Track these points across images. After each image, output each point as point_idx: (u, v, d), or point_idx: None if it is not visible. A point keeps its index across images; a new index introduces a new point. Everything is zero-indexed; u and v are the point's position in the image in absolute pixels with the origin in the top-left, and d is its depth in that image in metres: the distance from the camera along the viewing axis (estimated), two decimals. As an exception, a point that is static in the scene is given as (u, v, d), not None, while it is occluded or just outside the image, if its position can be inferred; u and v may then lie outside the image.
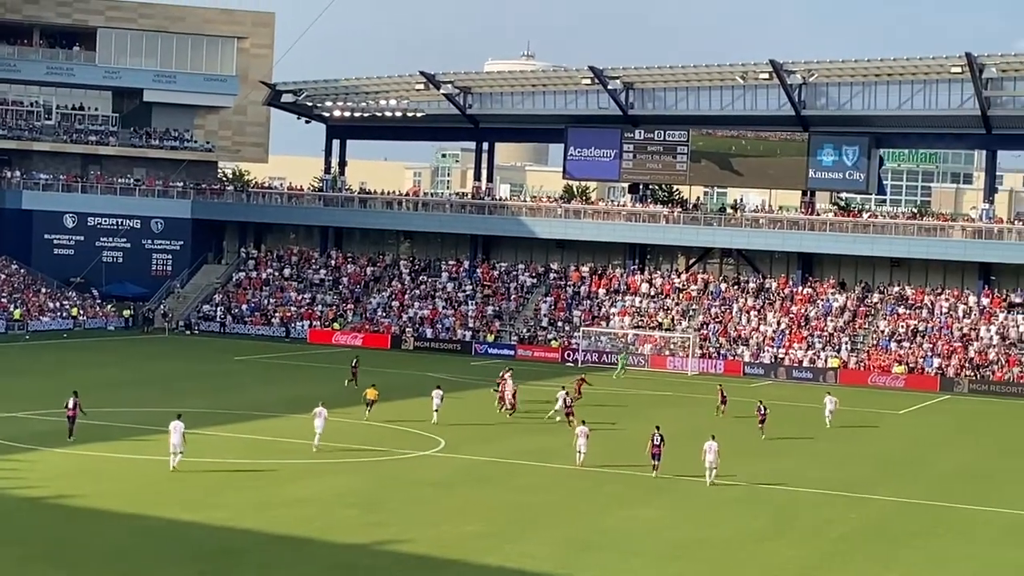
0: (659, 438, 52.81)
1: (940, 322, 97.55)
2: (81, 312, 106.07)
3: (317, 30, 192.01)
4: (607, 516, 45.47)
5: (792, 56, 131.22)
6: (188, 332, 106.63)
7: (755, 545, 42.42)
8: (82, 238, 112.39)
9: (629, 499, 48.39)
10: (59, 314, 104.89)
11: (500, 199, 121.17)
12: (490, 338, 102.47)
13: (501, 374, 71.93)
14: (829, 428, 69.94)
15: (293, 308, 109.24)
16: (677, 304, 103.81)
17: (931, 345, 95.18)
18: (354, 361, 79.05)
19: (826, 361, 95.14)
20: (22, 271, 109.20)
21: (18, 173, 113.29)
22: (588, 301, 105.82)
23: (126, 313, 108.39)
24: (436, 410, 64.43)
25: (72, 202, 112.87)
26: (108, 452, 52.67)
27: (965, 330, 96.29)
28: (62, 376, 74.80)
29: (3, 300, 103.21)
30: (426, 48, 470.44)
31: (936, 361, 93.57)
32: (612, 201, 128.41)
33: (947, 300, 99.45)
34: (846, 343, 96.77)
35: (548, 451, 57.52)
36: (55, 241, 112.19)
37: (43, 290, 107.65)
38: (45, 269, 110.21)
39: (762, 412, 65.88)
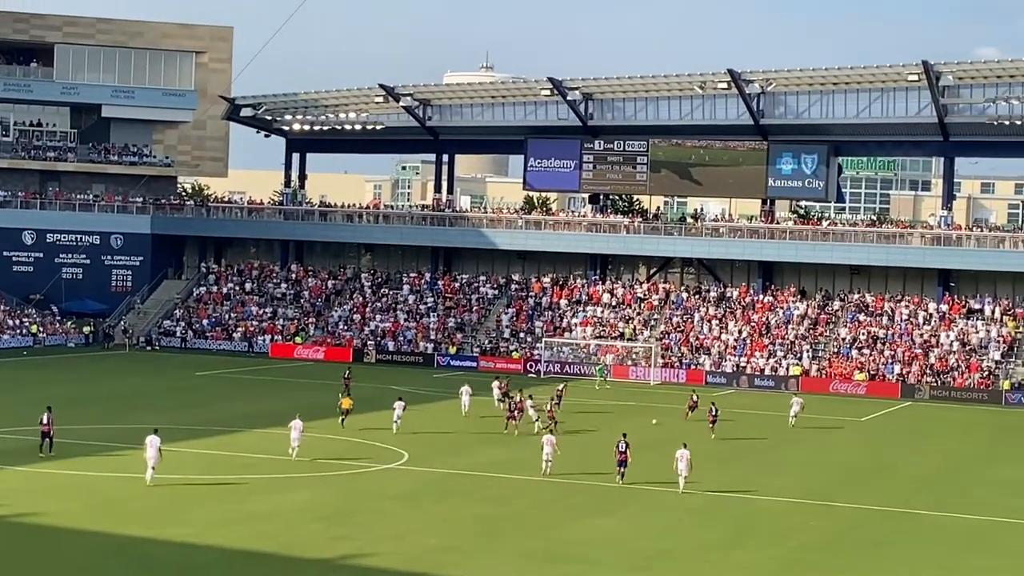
0: (624, 445, 53.36)
1: (900, 329, 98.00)
2: (41, 329, 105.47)
3: (276, 44, 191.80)
4: (571, 527, 45.49)
5: (750, 65, 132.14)
6: (149, 348, 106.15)
7: (718, 554, 42.51)
8: (41, 255, 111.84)
9: (593, 510, 48.43)
10: (19, 331, 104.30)
11: (461, 211, 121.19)
12: (452, 350, 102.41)
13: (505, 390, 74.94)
14: (793, 428, 72.13)
15: (254, 322, 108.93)
16: (639, 314, 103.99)
17: (892, 352, 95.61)
18: (347, 372, 79.70)
19: (787, 369, 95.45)
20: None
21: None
22: (550, 312, 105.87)
23: (86, 330, 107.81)
24: (397, 420, 64.73)
25: (31, 219, 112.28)
26: (70, 470, 52.34)
27: (925, 337, 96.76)
28: (22, 394, 74.45)
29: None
30: (385, 61, 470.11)
31: (897, 368, 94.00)
32: (573, 212, 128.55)
33: (907, 307, 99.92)
34: (807, 351, 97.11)
35: (511, 463, 57.55)
36: (14, 258, 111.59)
37: (2, 307, 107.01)
38: (4, 286, 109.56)
39: (714, 413, 68.49)
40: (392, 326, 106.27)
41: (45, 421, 55.37)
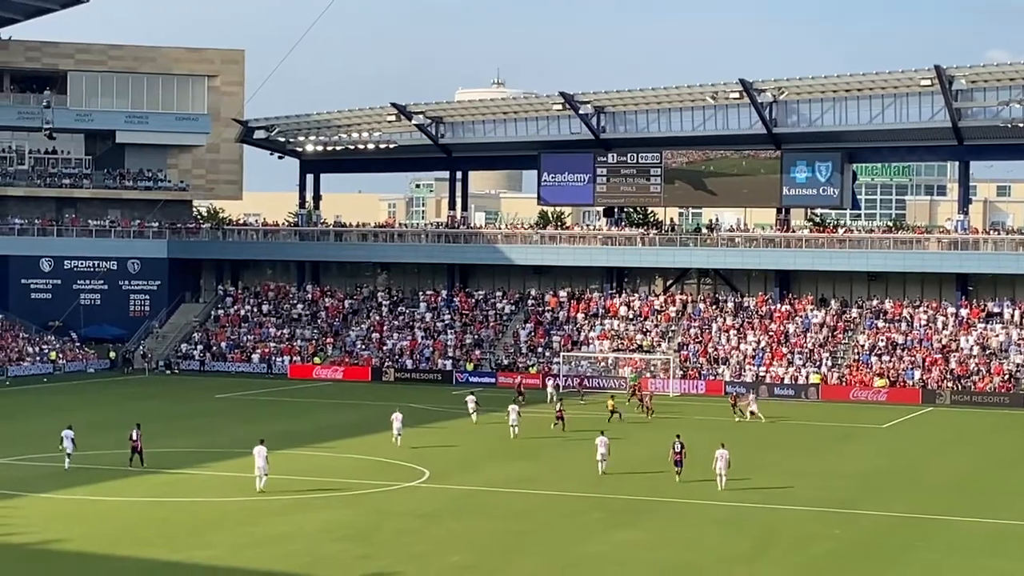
0: (680, 446, 56.13)
1: (920, 334, 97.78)
2: (60, 356, 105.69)
3: (287, 66, 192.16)
4: (591, 541, 45.41)
5: (761, 74, 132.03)
6: (168, 372, 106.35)
7: (740, 566, 42.40)
8: (59, 282, 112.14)
9: (615, 523, 48.35)
10: (38, 358, 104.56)
11: (475, 227, 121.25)
12: (470, 367, 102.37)
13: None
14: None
15: (272, 344, 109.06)
16: (656, 326, 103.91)
17: (912, 358, 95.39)
18: (519, 384, 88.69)
19: (807, 378, 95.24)
20: (0, 317, 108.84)
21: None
22: (567, 326, 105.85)
23: (112, 355, 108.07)
24: (513, 426, 69.61)
25: (48, 246, 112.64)
26: (93, 495, 52.46)
27: (945, 341, 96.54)
28: (45, 421, 74.56)
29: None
30: (397, 79, 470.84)
31: (917, 373, 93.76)
32: (587, 225, 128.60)
33: (925, 312, 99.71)
34: (826, 359, 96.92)
35: (532, 478, 57.55)
36: (32, 286, 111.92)
37: (21, 335, 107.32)
38: (23, 314, 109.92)
39: (734, 397, 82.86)
40: (410, 344, 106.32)
41: (134, 437, 58.26)
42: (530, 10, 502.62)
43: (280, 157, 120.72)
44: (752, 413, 79.80)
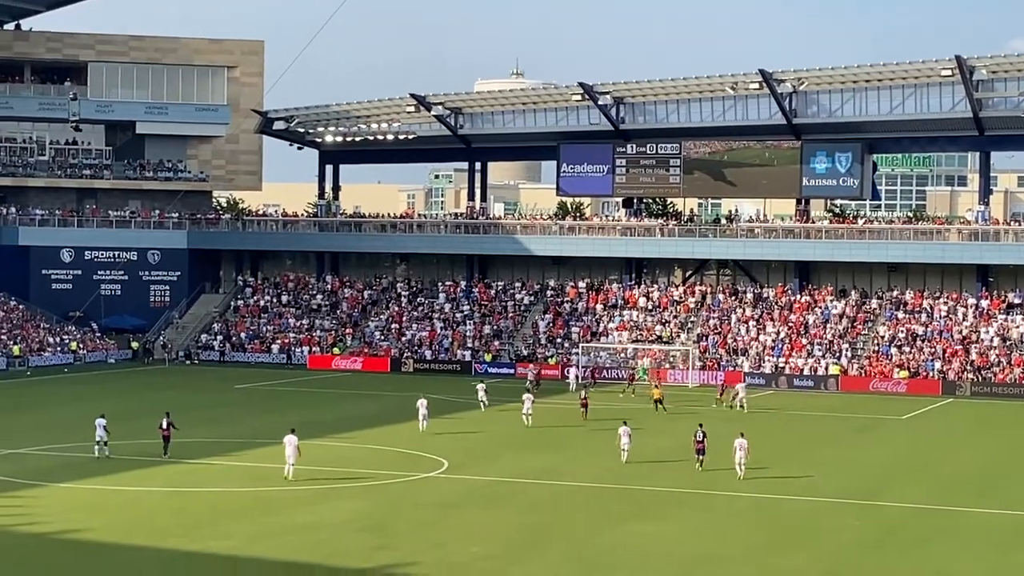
0: (702, 435, 56.41)
1: (940, 325, 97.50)
2: (81, 346, 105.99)
3: (307, 57, 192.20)
4: (614, 533, 45.34)
5: (781, 65, 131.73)
6: (188, 362, 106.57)
7: (764, 557, 42.30)
8: (79, 272, 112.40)
9: (636, 515, 48.26)
10: (59, 349, 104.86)
11: (494, 218, 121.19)
12: (489, 357, 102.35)
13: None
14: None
15: (292, 334, 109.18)
16: (675, 317, 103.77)
17: (932, 349, 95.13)
18: (537, 373, 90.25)
19: (827, 369, 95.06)
20: (21, 307, 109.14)
21: (14, 209, 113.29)
22: (586, 317, 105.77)
23: (134, 345, 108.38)
24: (527, 415, 70.13)
25: (68, 236, 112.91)
26: (113, 485, 52.57)
27: (965, 332, 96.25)
28: (65, 411, 74.84)
29: (2, 336, 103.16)
30: (416, 70, 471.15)
31: (937, 365, 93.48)
32: (607, 216, 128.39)
33: (946, 303, 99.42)
34: (846, 350, 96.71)
35: (553, 469, 57.49)
36: (53, 276, 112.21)
37: (42, 325, 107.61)
38: (44, 304, 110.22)
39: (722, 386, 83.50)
40: (429, 335, 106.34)
41: (164, 426, 58.65)
42: (549, 0, 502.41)
43: (299, 148, 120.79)
44: (736, 397, 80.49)
